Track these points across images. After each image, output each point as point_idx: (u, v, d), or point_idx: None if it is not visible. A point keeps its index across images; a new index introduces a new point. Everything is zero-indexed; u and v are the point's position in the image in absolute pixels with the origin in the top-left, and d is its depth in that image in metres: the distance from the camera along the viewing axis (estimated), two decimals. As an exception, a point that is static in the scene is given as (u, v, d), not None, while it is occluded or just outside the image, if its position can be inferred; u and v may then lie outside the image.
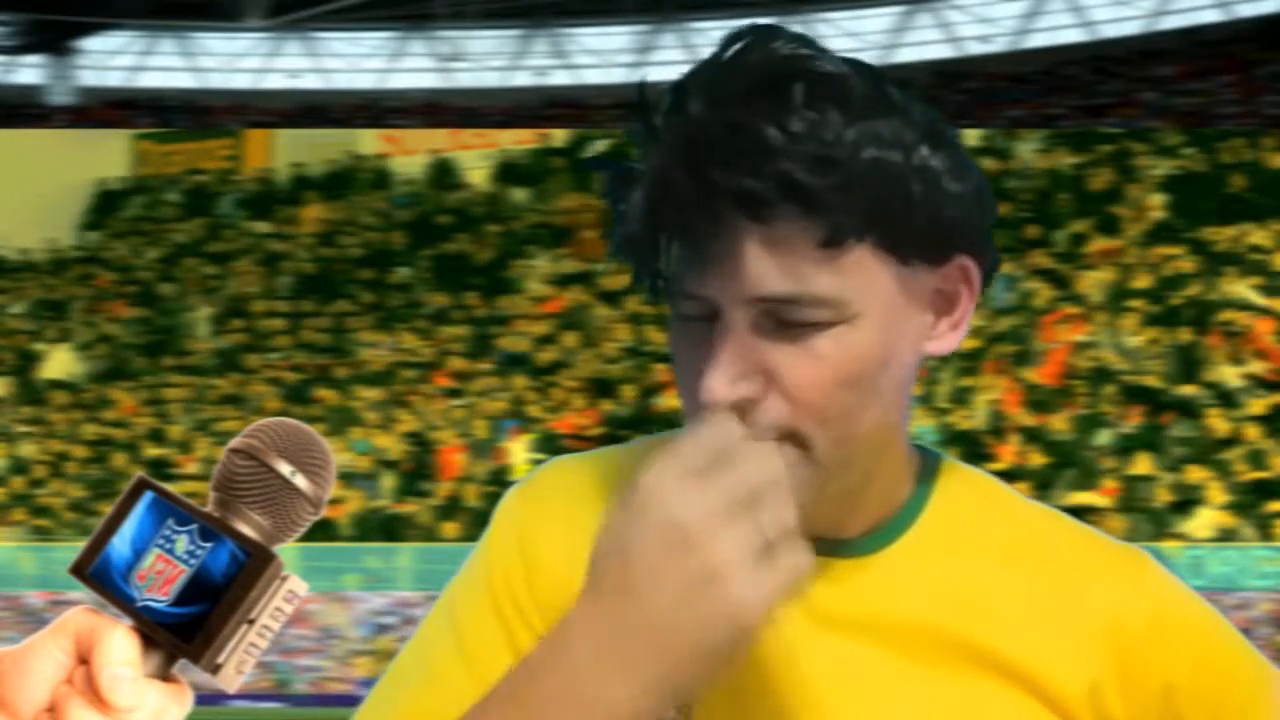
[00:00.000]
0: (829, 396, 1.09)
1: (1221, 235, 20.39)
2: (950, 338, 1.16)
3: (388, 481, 21.03)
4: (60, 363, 25.34)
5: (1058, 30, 29.15)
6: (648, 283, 1.14)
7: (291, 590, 0.87)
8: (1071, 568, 1.21)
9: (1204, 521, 17.01)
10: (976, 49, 29.17)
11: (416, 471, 21.02)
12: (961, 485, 1.24)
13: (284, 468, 0.88)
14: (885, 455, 1.18)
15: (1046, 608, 1.19)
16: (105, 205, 28.98)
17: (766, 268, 1.07)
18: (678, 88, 1.10)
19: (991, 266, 1.16)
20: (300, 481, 0.88)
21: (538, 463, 1.36)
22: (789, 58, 1.08)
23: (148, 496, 0.89)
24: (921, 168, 1.08)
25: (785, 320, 1.09)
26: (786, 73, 1.07)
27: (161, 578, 0.87)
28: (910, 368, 1.15)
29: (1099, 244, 21.10)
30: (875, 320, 1.10)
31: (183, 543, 0.87)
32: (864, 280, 1.09)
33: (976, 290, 1.15)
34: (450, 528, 19.44)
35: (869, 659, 1.18)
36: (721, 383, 1.09)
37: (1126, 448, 17.67)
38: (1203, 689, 1.19)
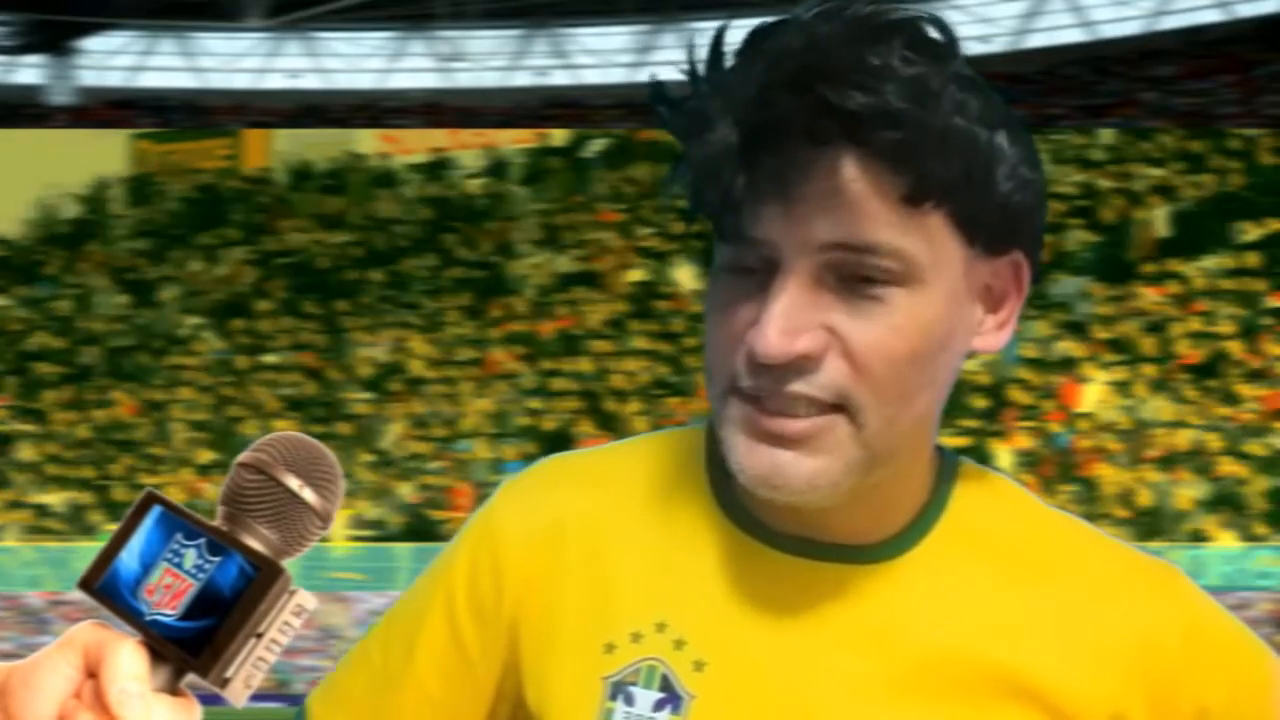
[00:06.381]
0: (893, 367, 1.05)
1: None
2: (996, 337, 1.12)
3: (388, 482, 21.04)
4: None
5: (1058, 30, 29.16)
6: (711, 214, 1.07)
7: (300, 604, 0.87)
8: (1098, 582, 1.14)
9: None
10: (976, 49, 29.13)
11: (416, 472, 21.03)
12: (981, 490, 1.18)
13: (292, 482, 0.87)
14: (918, 455, 1.13)
15: (1070, 624, 1.13)
16: (105, 205, 28.97)
17: (845, 212, 1.03)
18: (768, 29, 1.05)
19: (1035, 276, 1.13)
20: (308, 495, 0.88)
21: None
22: (887, 11, 1.04)
23: (155, 511, 0.88)
24: (1002, 150, 1.07)
25: (852, 275, 1.04)
26: (888, 24, 1.04)
27: (170, 592, 0.86)
28: (960, 359, 1.11)
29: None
30: (941, 294, 1.06)
31: (191, 557, 0.87)
32: (936, 250, 1.05)
33: (1024, 293, 1.12)
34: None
35: (876, 674, 1.12)
36: (781, 335, 1.02)
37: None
38: (1238, 712, 1.14)
